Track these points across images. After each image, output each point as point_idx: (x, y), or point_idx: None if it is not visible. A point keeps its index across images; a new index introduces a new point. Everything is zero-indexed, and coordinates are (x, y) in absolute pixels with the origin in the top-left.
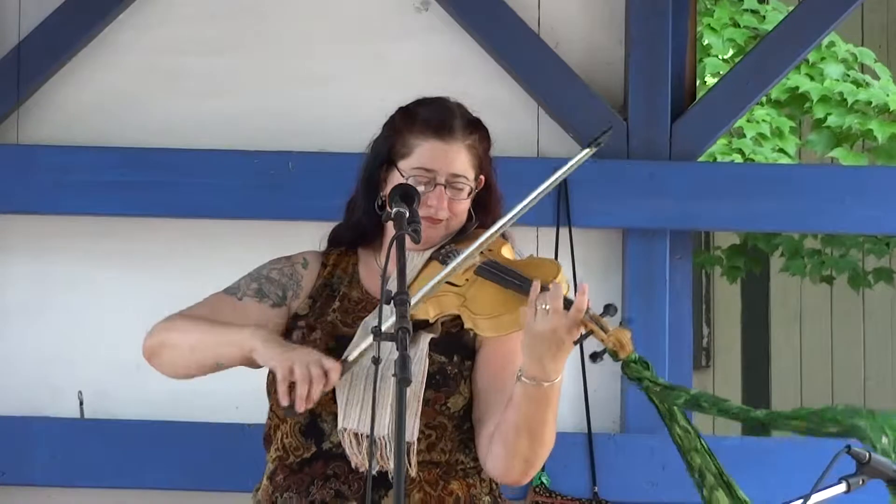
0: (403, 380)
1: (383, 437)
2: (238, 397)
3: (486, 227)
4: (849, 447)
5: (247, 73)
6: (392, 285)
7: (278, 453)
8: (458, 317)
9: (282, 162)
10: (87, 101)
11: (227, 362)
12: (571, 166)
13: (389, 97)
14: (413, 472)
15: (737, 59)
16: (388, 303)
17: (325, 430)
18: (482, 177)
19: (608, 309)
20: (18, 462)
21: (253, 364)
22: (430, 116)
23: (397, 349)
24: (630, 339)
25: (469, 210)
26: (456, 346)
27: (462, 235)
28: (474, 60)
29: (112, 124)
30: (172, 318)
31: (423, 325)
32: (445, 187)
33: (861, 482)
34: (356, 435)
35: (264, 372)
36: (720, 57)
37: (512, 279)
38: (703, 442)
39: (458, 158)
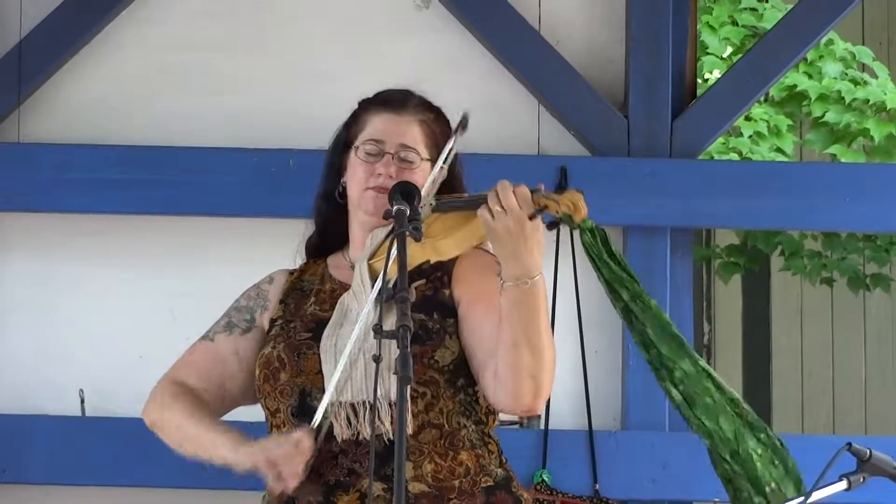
0: (405, 378)
1: (379, 399)
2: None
3: None
4: (850, 444)
5: (248, 70)
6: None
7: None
8: (430, 280)
9: (283, 159)
10: (88, 99)
11: (210, 459)
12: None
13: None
14: (410, 430)
15: (734, 58)
16: (388, 300)
17: (316, 408)
18: (444, 165)
19: (559, 185)
20: (19, 460)
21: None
22: (388, 95)
23: (398, 347)
24: (584, 201)
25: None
26: (433, 304)
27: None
28: (475, 58)
29: (113, 122)
30: (163, 392)
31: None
32: (394, 157)
33: (862, 480)
34: (352, 406)
35: None
36: (719, 56)
37: (463, 201)
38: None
39: (408, 130)
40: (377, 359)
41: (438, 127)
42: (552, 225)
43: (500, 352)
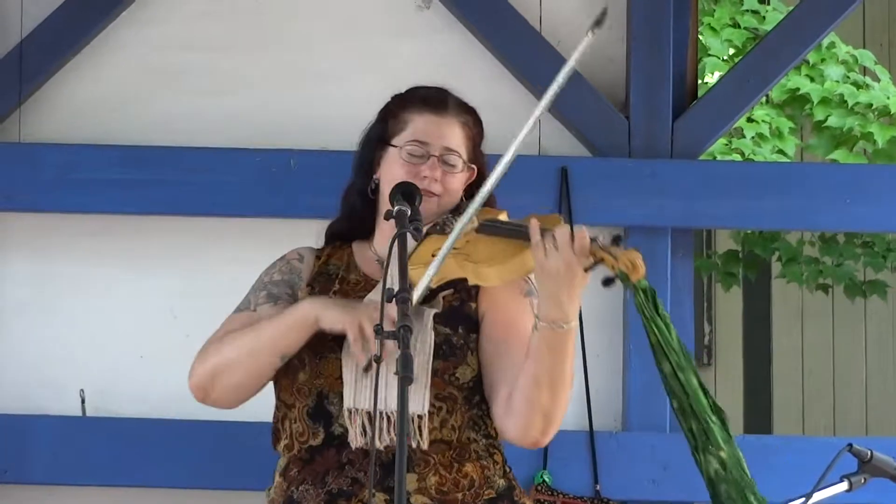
0: (405, 378)
1: (391, 413)
2: None
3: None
4: (851, 445)
5: (249, 70)
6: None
7: (286, 442)
8: (458, 290)
9: (283, 159)
10: (89, 99)
11: (293, 350)
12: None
13: (391, 95)
14: (424, 445)
15: (736, 60)
16: (390, 300)
17: (332, 413)
18: (475, 167)
19: (615, 239)
20: (20, 460)
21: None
22: (426, 94)
23: (398, 347)
24: (642, 261)
25: (462, 198)
26: (459, 318)
27: (456, 211)
28: (476, 58)
29: (114, 122)
30: (208, 349)
31: (424, 299)
32: (439, 160)
33: (863, 480)
34: (368, 413)
35: None
36: (720, 58)
37: (513, 229)
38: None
39: (452, 133)
40: (378, 359)
41: (475, 129)
42: (607, 282)
43: (519, 383)
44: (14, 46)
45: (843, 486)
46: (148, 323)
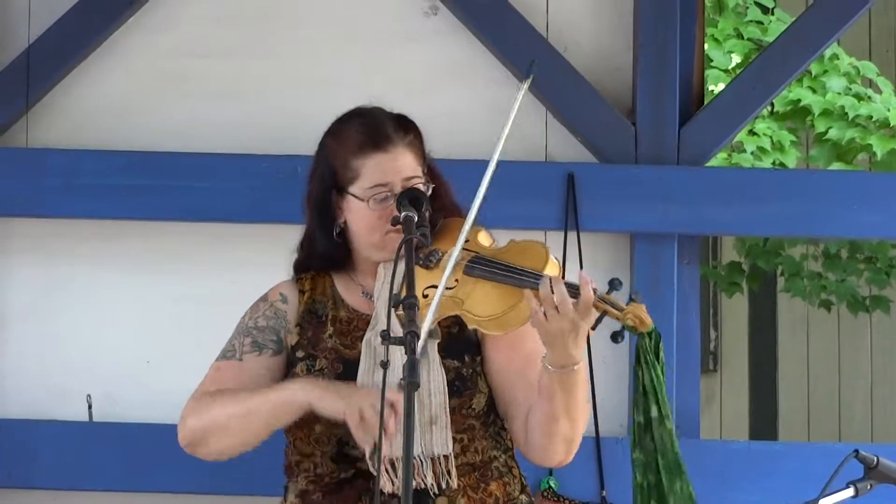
0: (412, 384)
1: (419, 456)
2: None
3: (449, 216)
4: (857, 451)
5: (255, 76)
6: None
7: (309, 476)
8: (453, 316)
9: (290, 166)
10: (95, 105)
11: (282, 424)
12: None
13: (397, 101)
14: (454, 484)
15: (739, 71)
16: (396, 307)
17: (355, 456)
18: (430, 182)
19: (613, 284)
20: (26, 465)
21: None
22: (362, 131)
23: (405, 353)
24: (646, 312)
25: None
26: (462, 346)
27: (433, 233)
28: (482, 65)
29: (120, 128)
30: (199, 402)
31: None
32: None
33: (869, 487)
34: (391, 461)
35: None
36: (725, 68)
37: (504, 274)
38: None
39: (404, 161)
40: (385, 364)
41: (419, 139)
42: (615, 336)
43: (537, 417)
44: (21, 52)
45: (850, 492)
46: (154, 328)
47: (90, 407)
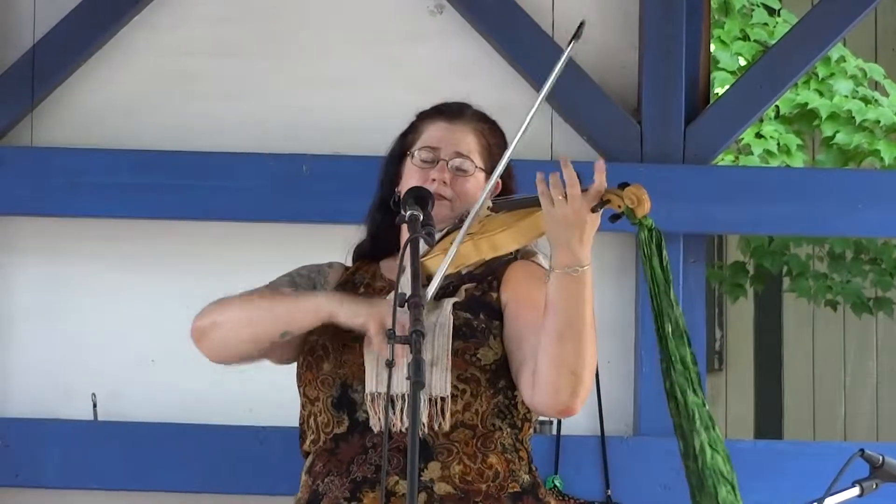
0: (417, 383)
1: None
2: (251, 400)
3: None
4: (862, 451)
5: (261, 75)
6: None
7: (312, 437)
8: (479, 282)
9: (296, 165)
10: (101, 104)
11: (296, 330)
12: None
13: (403, 100)
14: (446, 427)
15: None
16: (402, 305)
17: (356, 401)
18: (499, 180)
19: (623, 186)
20: (32, 464)
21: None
22: (445, 106)
23: (411, 352)
24: (647, 195)
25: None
26: (480, 306)
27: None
28: (488, 64)
29: (126, 127)
30: (224, 299)
31: (445, 293)
32: (448, 164)
33: (874, 486)
34: (391, 398)
35: (276, 374)
36: (731, 70)
37: (524, 199)
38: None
39: (463, 139)
40: (389, 364)
41: (493, 138)
42: (614, 217)
43: (542, 344)
44: (26, 51)
45: (855, 491)
46: (159, 327)
47: (95, 406)
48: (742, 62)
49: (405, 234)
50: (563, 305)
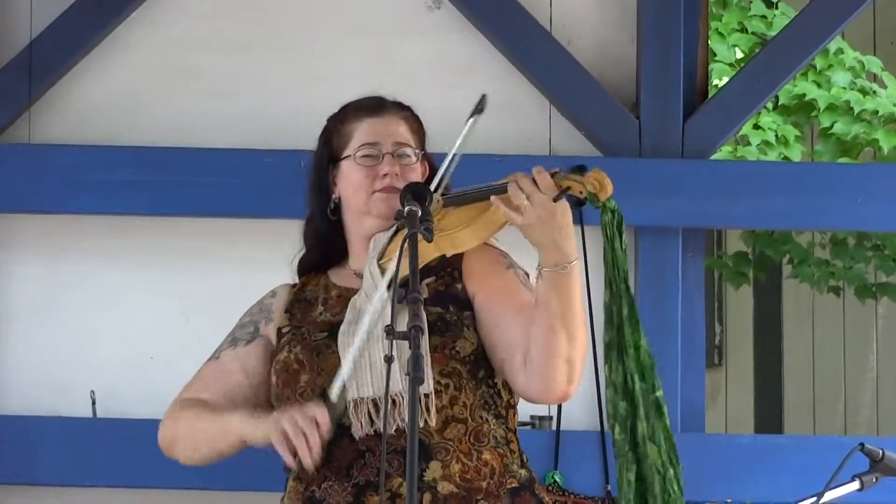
0: (416, 378)
1: (396, 395)
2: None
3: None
4: (862, 445)
5: (259, 71)
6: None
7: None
8: (440, 276)
9: (294, 160)
10: (98, 100)
11: (229, 452)
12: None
13: (401, 95)
14: (432, 423)
15: (744, 64)
16: (401, 301)
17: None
18: (427, 163)
19: (580, 169)
20: (30, 461)
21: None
22: (360, 103)
23: (409, 348)
24: (608, 180)
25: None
26: (448, 299)
27: None
28: (486, 59)
29: (124, 123)
30: (173, 411)
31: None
32: (393, 155)
33: (874, 480)
34: (374, 401)
35: None
36: (729, 62)
37: (475, 193)
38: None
39: (397, 129)
40: (388, 359)
41: (417, 123)
42: (578, 203)
43: (534, 337)
44: (24, 48)
45: (855, 485)
46: (158, 324)
47: (94, 403)
48: (740, 54)
49: (354, 241)
50: (554, 300)
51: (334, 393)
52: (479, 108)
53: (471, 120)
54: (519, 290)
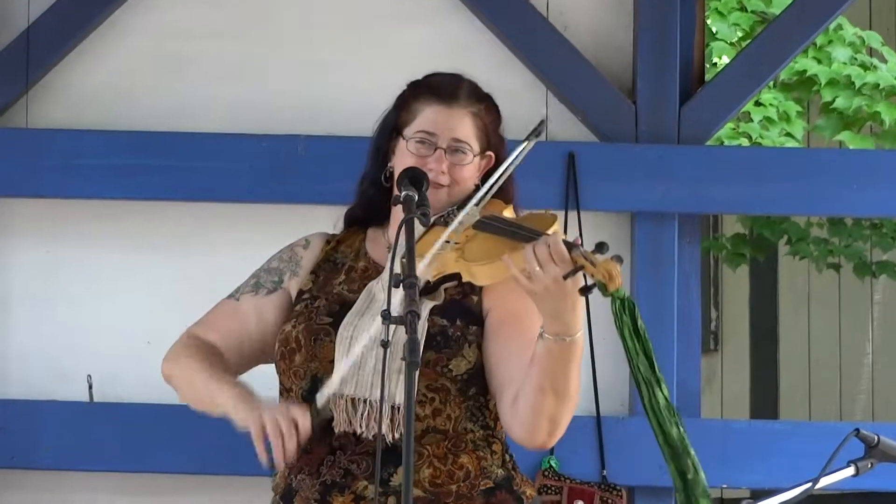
0: (412, 363)
1: (375, 402)
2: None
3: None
4: (858, 430)
5: (256, 55)
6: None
7: None
8: (460, 283)
9: (291, 145)
10: (95, 85)
11: (215, 414)
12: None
13: (398, 80)
14: (396, 435)
15: (743, 44)
16: (397, 286)
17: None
18: (491, 153)
19: (600, 247)
20: (28, 446)
21: None
22: (437, 83)
23: (406, 333)
24: (619, 272)
25: (476, 185)
26: (459, 311)
27: (467, 201)
28: (483, 44)
29: (121, 108)
30: (179, 350)
31: (425, 290)
32: (446, 152)
33: (870, 465)
34: (353, 400)
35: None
36: (730, 41)
37: (508, 228)
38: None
39: (460, 124)
40: (385, 343)
41: (489, 117)
42: (584, 290)
43: (524, 389)
44: (21, 33)
45: (850, 470)
46: (155, 309)
47: (91, 387)
48: (739, 33)
49: (397, 215)
50: (548, 366)
51: (321, 399)
52: (536, 132)
53: (526, 142)
54: (534, 320)
